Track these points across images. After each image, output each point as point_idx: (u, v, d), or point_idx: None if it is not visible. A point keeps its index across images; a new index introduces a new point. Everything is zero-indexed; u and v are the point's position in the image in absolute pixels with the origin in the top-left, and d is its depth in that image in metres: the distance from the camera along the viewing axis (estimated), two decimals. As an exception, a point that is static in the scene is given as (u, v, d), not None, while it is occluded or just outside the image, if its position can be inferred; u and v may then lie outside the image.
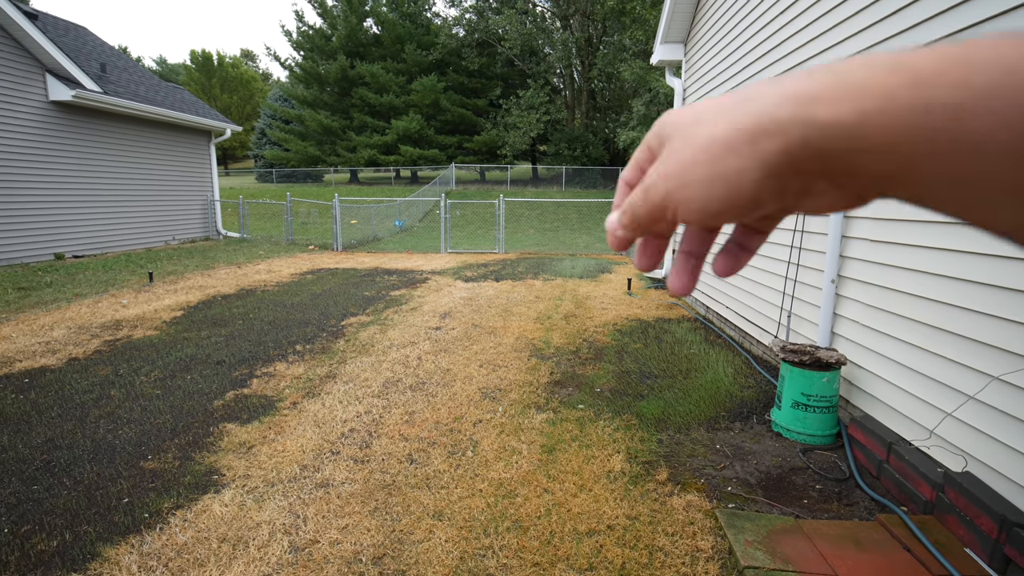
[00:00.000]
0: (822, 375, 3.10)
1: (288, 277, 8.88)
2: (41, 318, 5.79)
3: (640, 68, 23.54)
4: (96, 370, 4.25)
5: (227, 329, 5.49)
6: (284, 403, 3.64)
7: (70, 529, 2.30)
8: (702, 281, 6.36)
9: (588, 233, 19.41)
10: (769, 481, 2.75)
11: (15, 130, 8.92)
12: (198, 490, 2.59)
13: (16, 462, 2.85)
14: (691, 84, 6.93)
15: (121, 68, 12.53)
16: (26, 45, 8.96)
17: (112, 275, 8.45)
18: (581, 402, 3.69)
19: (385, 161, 32.89)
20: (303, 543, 2.20)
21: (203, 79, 46.31)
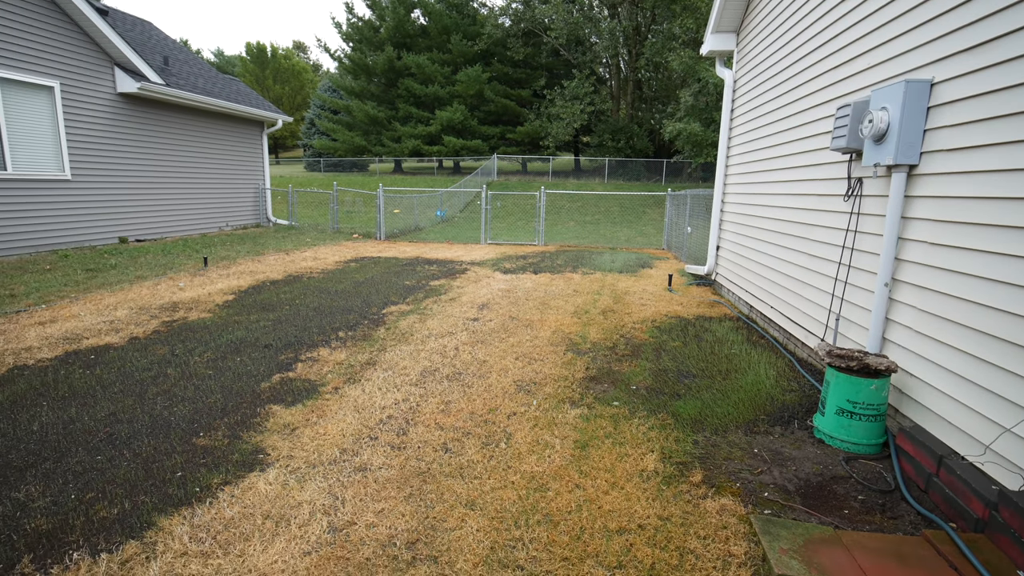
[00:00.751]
0: (870, 382, 2.98)
1: (333, 265, 9.15)
2: (106, 298, 6.17)
3: (689, 57, 22.90)
4: (154, 349, 4.51)
5: (275, 314, 5.72)
6: (326, 388, 3.77)
7: (129, 498, 2.46)
8: (746, 279, 6.19)
9: (630, 227, 19.14)
10: (808, 489, 2.68)
11: (88, 121, 9.48)
12: (245, 468, 2.73)
13: (83, 433, 3.07)
14: (742, 76, 6.71)
15: (182, 61, 13.10)
16: (98, 41, 9.48)
17: (170, 259, 8.90)
18: (616, 399, 3.67)
19: (428, 151, 33.25)
20: (341, 524, 2.29)
21: (257, 70, 47.85)
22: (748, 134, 6.36)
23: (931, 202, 2.97)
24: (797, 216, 4.81)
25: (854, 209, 3.77)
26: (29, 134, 8.55)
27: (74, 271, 7.51)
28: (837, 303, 3.95)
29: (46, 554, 2.10)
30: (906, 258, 3.15)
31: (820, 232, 4.31)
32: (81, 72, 9.31)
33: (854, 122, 3.50)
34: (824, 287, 4.18)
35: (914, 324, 3.04)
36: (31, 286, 6.52)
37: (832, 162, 4.15)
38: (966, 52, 2.72)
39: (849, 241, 3.81)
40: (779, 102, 5.33)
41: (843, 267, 3.88)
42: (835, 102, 4.12)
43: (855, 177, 3.78)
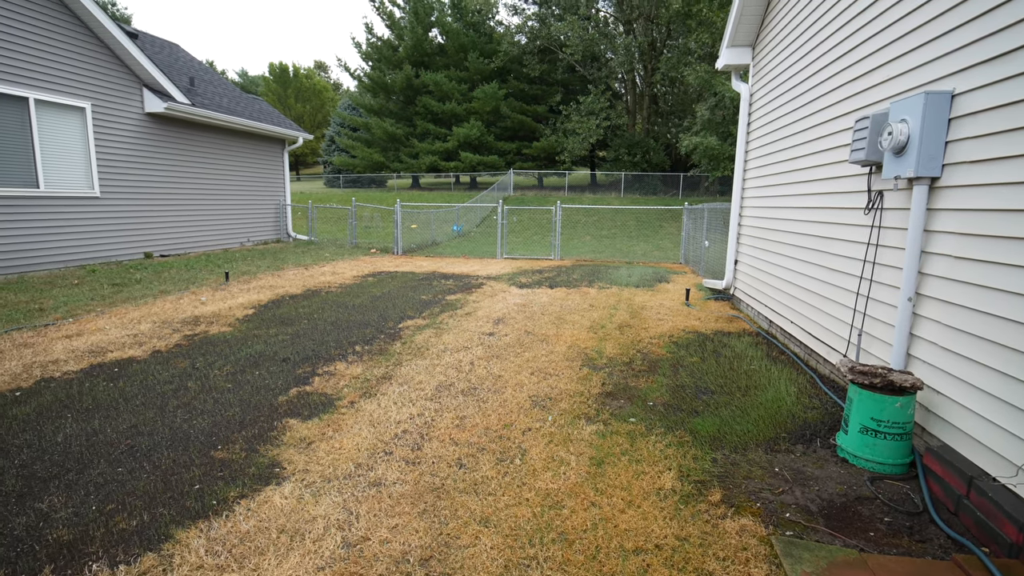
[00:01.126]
0: (895, 399, 2.90)
1: (351, 279, 9.25)
2: (131, 312, 6.31)
3: (705, 72, 22.93)
4: (176, 363, 4.58)
5: (293, 328, 5.78)
6: (343, 402, 3.79)
7: (148, 510, 2.49)
8: (766, 294, 6.10)
9: (646, 241, 19.05)
10: (832, 510, 2.60)
11: (116, 140, 9.79)
12: (261, 481, 2.74)
13: (105, 445, 3.12)
14: (758, 90, 6.68)
15: (207, 81, 13.50)
16: (128, 63, 9.82)
17: (193, 274, 9.09)
18: (633, 415, 3.63)
19: (445, 167, 33.64)
20: (355, 539, 2.28)
21: (279, 90, 49.09)
22: (765, 147, 6.32)
23: (954, 215, 2.91)
24: (816, 230, 4.74)
25: (875, 222, 3.70)
26: (61, 153, 8.85)
27: (101, 285, 7.70)
28: (859, 318, 3.87)
29: (66, 565, 2.13)
30: (930, 272, 3.08)
31: (840, 246, 4.25)
32: (111, 93, 9.64)
33: (873, 134, 3.46)
34: (846, 302, 4.10)
35: (939, 340, 2.97)
36: (59, 300, 6.70)
37: (851, 175, 4.09)
38: (989, 63, 2.68)
39: (870, 255, 3.74)
40: (796, 115, 5.30)
41: (865, 281, 3.81)
42: (853, 114, 4.08)
43: (875, 190, 3.72)
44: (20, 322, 5.68)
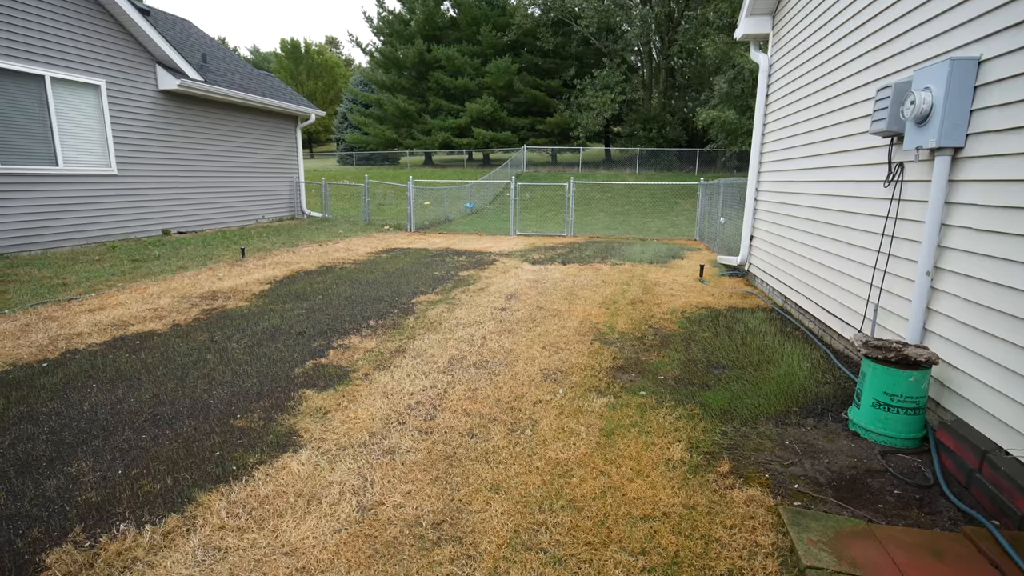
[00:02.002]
0: (909, 374, 2.88)
1: (364, 255, 9.31)
2: (151, 287, 6.44)
3: (724, 43, 22.33)
4: (195, 336, 4.69)
5: (308, 303, 5.86)
6: (357, 374, 3.86)
7: (171, 475, 2.58)
8: (781, 270, 6.03)
9: (661, 217, 18.85)
10: (841, 482, 2.61)
11: (132, 117, 9.86)
12: (279, 448, 2.82)
13: (129, 413, 3.22)
14: (777, 60, 6.50)
15: (219, 58, 13.46)
16: (140, 40, 9.82)
17: (210, 250, 9.21)
18: (643, 388, 3.65)
19: (458, 144, 33.38)
20: (369, 504, 2.35)
21: (291, 66, 48.78)
22: (784, 120, 6.17)
23: (977, 186, 2.84)
24: (834, 204, 4.66)
25: (894, 195, 3.63)
26: (78, 131, 8.94)
27: (121, 261, 7.85)
28: (875, 293, 3.82)
29: (95, 524, 2.22)
30: (949, 245, 3.02)
31: (858, 220, 4.17)
32: (125, 71, 9.68)
33: (895, 104, 3.37)
34: (862, 276, 4.04)
35: (957, 314, 2.92)
36: (82, 275, 6.85)
37: (871, 147, 4.00)
38: (1018, 27, 2.58)
39: (889, 228, 3.67)
40: (816, 86, 5.16)
41: (882, 255, 3.74)
42: (875, 84, 3.96)
43: (896, 162, 3.63)
44: (45, 296, 5.83)
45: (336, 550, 2.06)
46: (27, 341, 4.44)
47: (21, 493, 2.43)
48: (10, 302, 5.56)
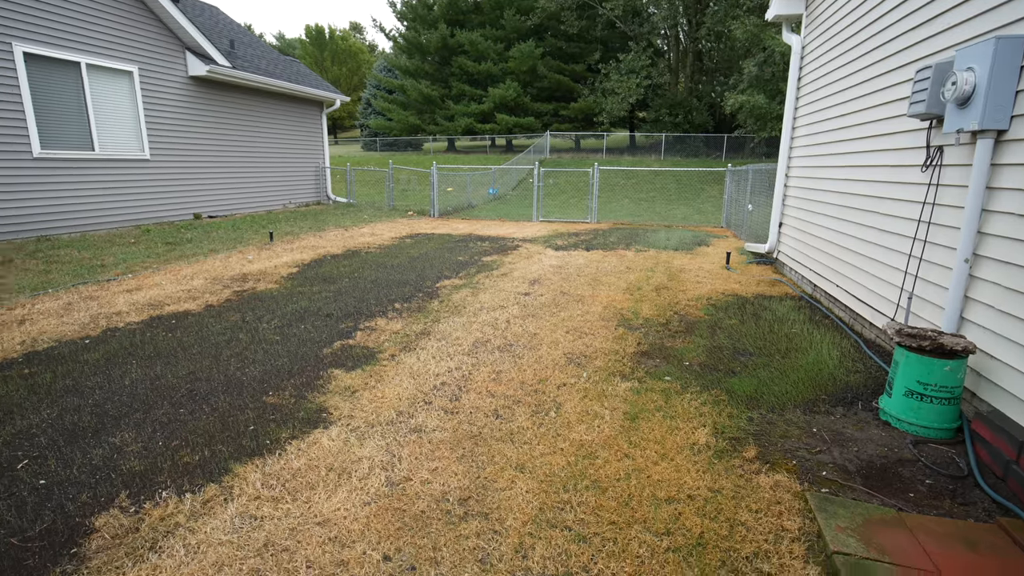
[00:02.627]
0: (944, 363, 2.82)
1: (389, 240, 9.41)
2: (184, 269, 6.62)
3: (754, 25, 21.70)
4: (227, 316, 4.82)
5: (335, 286, 5.97)
6: (384, 355, 3.93)
7: (208, 447, 2.68)
8: (811, 257, 5.91)
9: (686, 204, 18.57)
10: (871, 470, 2.58)
11: (163, 103, 10.07)
12: (310, 425, 2.91)
13: (167, 389, 3.34)
14: (811, 41, 6.31)
15: (246, 44, 13.61)
16: (171, 27, 9.99)
17: (239, 234, 9.41)
18: (668, 374, 3.64)
19: (481, 129, 33.25)
20: (398, 479, 2.41)
21: (316, 52, 49.07)
22: (816, 103, 6.01)
23: (1022, 171, 2.74)
24: (868, 189, 4.54)
25: (932, 180, 3.52)
26: (112, 116, 9.18)
27: (155, 244, 8.08)
28: (910, 281, 3.73)
29: (139, 491, 2.33)
30: (990, 231, 2.93)
31: (893, 206, 4.06)
32: (157, 57, 9.87)
33: (935, 85, 3.25)
34: (896, 264, 3.95)
35: (996, 303, 2.84)
36: (119, 257, 7.08)
37: (909, 130, 3.87)
38: (1073, 2, 2.46)
39: (925, 214, 3.57)
40: (851, 67, 5.00)
41: (918, 242, 3.64)
42: (913, 65, 3.82)
43: (934, 145, 3.52)
44: (85, 277, 6.04)
45: (367, 521, 2.12)
46: (70, 319, 4.62)
47: (70, 461, 2.56)
48: (53, 282, 5.78)
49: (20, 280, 5.79)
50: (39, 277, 5.95)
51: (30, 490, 2.33)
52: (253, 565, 1.91)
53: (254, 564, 1.91)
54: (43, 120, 8.08)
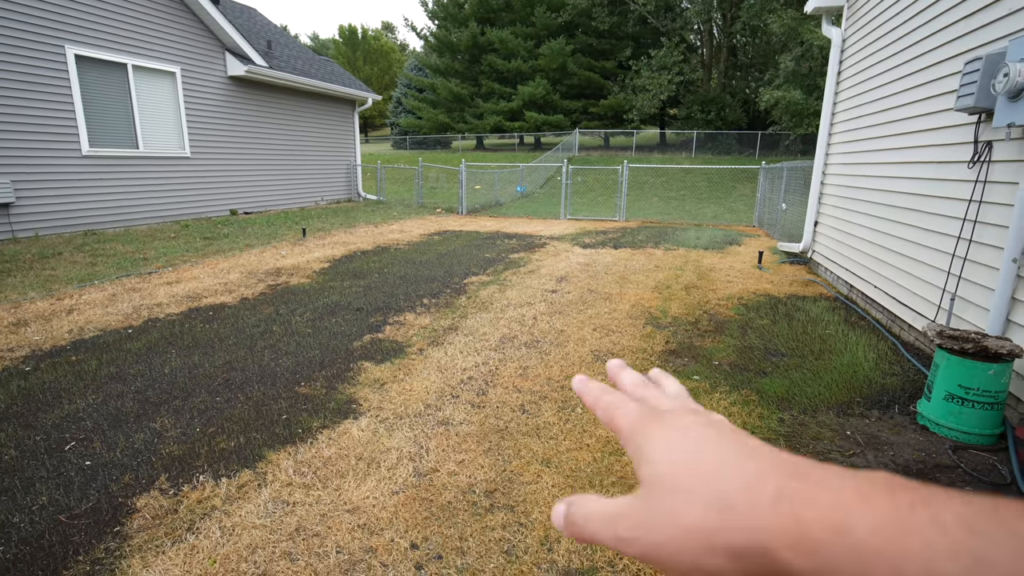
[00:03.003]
0: (988, 367, 2.71)
1: (418, 237, 9.51)
2: (221, 263, 6.83)
3: (791, 19, 21.15)
4: (262, 309, 4.96)
5: (365, 281, 6.07)
6: (412, 349, 3.99)
7: (243, 434, 2.77)
8: (847, 257, 5.74)
9: (717, 203, 18.23)
10: (907, 475, 2.50)
11: (203, 102, 10.40)
12: (340, 415, 2.97)
13: (204, 377, 3.46)
14: (852, 34, 6.12)
15: (283, 44, 13.93)
16: (211, 28, 10.31)
17: (273, 229, 9.65)
18: (697, 373, 3.60)
19: (510, 128, 33.28)
20: (425, 470, 2.45)
21: (349, 52, 49.87)
22: (856, 98, 5.83)
23: (1078, 166, 2.61)
24: (910, 187, 4.38)
25: (979, 177, 3.38)
26: (156, 116, 9.52)
27: (194, 239, 8.36)
28: (952, 281, 3.60)
29: (178, 475, 2.43)
30: (1041, 230, 2.80)
31: (936, 203, 3.91)
32: (197, 58, 10.19)
33: (985, 77, 3.12)
34: (938, 264, 3.81)
35: (1047, 304, 2.72)
36: (159, 251, 7.35)
37: (955, 125, 3.73)
38: None
39: (971, 213, 3.43)
40: (895, 60, 4.83)
41: (962, 242, 3.51)
42: (962, 57, 3.67)
43: (983, 140, 3.38)
44: (128, 270, 6.30)
45: (395, 510, 2.16)
46: (114, 309, 4.82)
47: (114, 444, 2.68)
48: (99, 274, 6.04)
49: (68, 272, 6.07)
50: (86, 269, 6.23)
51: (77, 471, 2.45)
52: (285, 548, 1.97)
53: (286, 547, 1.97)
54: (91, 119, 8.44)
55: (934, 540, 0.20)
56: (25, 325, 4.37)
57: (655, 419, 0.31)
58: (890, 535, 0.20)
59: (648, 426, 0.31)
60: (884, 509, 0.21)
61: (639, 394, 0.36)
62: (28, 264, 6.34)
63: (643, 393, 0.36)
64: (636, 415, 0.33)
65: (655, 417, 0.32)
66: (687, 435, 0.29)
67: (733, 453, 0.27)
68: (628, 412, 0.33)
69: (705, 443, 0.28)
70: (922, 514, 0.20)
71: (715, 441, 0.28)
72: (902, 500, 0.21)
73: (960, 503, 0.20)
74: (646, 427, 0.31)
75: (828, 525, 0.22)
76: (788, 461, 0.26)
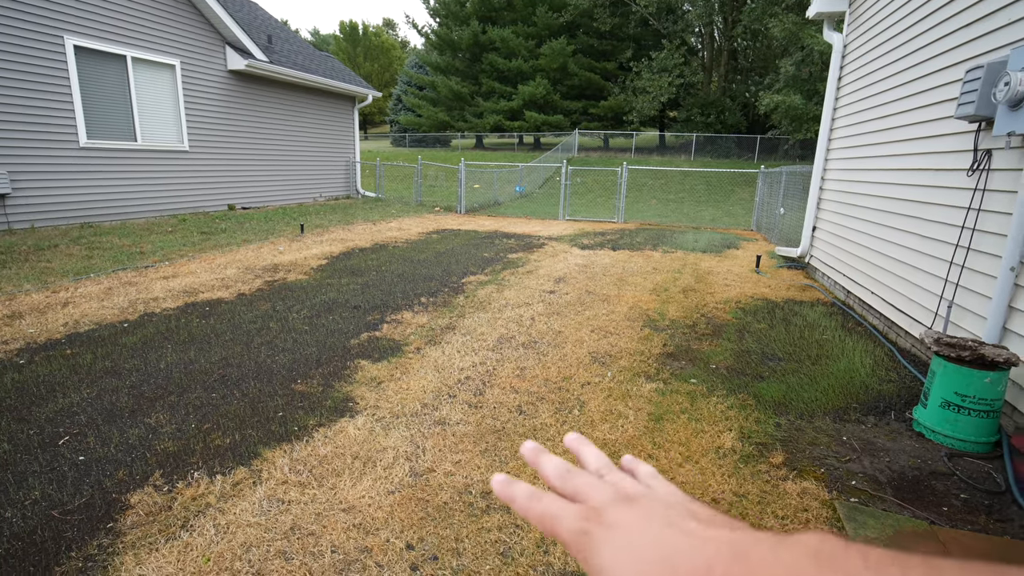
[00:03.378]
0: (985, 374, 2.72)
1: (416, 235, 9.49)
2: (218, 258, 6.81)
3: (793, 23, 21.19)
4: (258, 305, 4.94)
5: (363, 278, 6.05)
6: (409, 347, 3.98)
7: (239, 431, 2.76)
8: (845, 263, 5.76)
9: (716, 206, 18.27)
10: (902, 482, 2.51)
11: (202, 96, 10.35)
12: (336, 413, 2.96)
13: (200, 373, 3.45)
14: (853, 40, 6.13)
15: (283, 39, 13.88)
16: (212, 21, 10.26)
17: (271, 225, 9.62)
18: (694, 376, 3.60)
19: (510, 127, 33.25)
20: (421, 470, 2.44)
21: (349, 48, 49.73)
22: (856, 104, 5.84)
23: (1077, 176, 2.62)
24: (908, 194, 4.40)
25: (979, 185, 3.39)
26: (155, 109, 9.47)
27: (191, 233, 8.32)
28: (950, 289, 3.61)
29: (172, 471, 2.41)
30: (1040, 240, 2.81)
31: (934, 211, 3.92)
32: (198, 51, 10.14)
33: (986, 86, 3.13)
34: (936, 271, 3.82)
35: (1044, 313, 2.73)
36: (156, 245, 7.31)
37: (954, 133, 3.74)
38: None
39: (970, 221, 3.44)
40: (896, 67, 4.84)
41: (960, 249, 3.52)
42: (963, 65, 3.68)
43: (983, 149, 3.39)
44: (125, 263, 6.26)
45: (390, 510, 2.16)
46: (110, 303, 4.80)
47: (108, 439, 2.66)
48: (95, 267, 6.01)
49: (64, 265, 6.03)
50: (82, 262, 6.19)
51: (70, 465, 2.44)
52: (280, 547, 1.96)
53: (281, 546, 1.96)
54: (90, 111, 8.39)
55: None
56: (20, 317, 4.34)
57: (595, 523, 0.31)
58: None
59: (591, 533, 0.31)
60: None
61: (578, 490, 0.35)
62: (24, 256, 6.29)
63: (583, 489, 0.35)
64: (575, 520, 0.32)
65: (595, 521, 0.31)
66: (630, 539, 0.30)
67: (682, 548, 0.28)
68: (566, 519, 0.32)
69: (651, 546, 0.29)
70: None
71: (658, 541, 0.29)
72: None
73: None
74: (589, 535, 0.31)
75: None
76: (731, 543, 0.27)
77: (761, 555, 0.26)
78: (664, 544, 0.29)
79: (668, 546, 0.28)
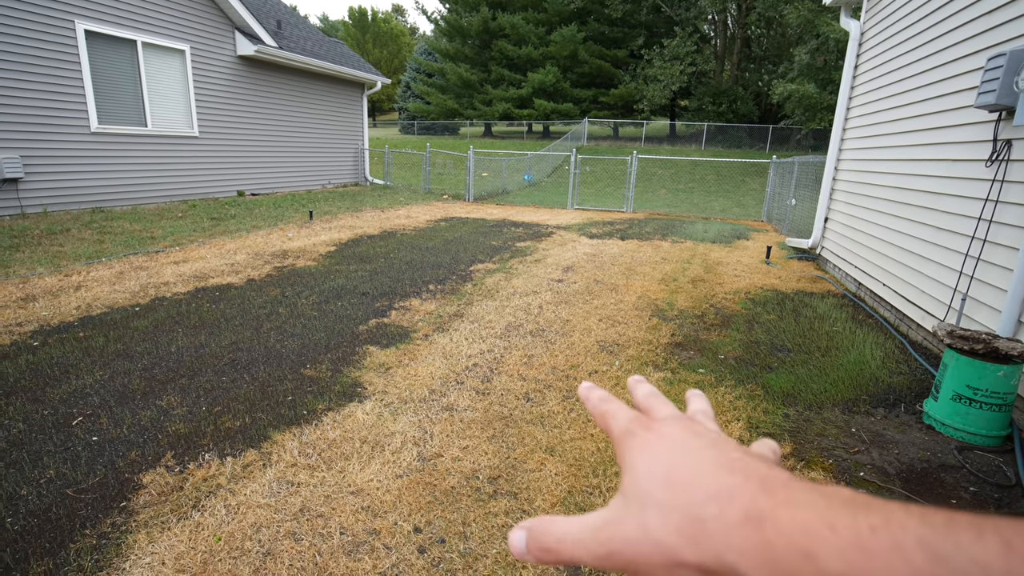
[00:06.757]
0: (998, 368, 2.69)
1: (424, 223, 9.49)
2: (227, 244, 6.84)
3: (808, 10, 20.82)
4: (268, 290, 4.96)
5: (371, 265, 6.07)
6: (417, 334, 3.99)
7: (249, 414, 2.78)
8: (856, 254, 5.70)
9: (726, 196, 18.10)
10: (911, 474, 2.50)
11: (212, 82, 10.35)
12: (345, 398, 2.98)
13: (211, 357, 3.48)
14: (871, 27, 6.01)
15: (292, 24, 13.82)
16: (222, 7, 10.22)
17: (280, 212, 9.65)
18: (702, 366, 3.59)
19: (519, 115, 33.01)
20: (429, 455, 2.45)
21: (358, 34, 49.45)
22: (872, 93, 5.74)
23: (1100, 167, 2.56)
24: (924, 184, 4.33)
25: (997, 176, 3.33)
26: (165, 94, 9.48)
27: (201, 219, 8.36)
28: (964, 281, 3.56)
29: (184, 452, 2.44)
30: (1059, 232, 2.76)
31: (950, 202, 3.86)
32: (207, 36, 10.12)
33: (1008, 74, 3.06)
34: (950, 263, 3.77)
35: (1061, 307, 2.68)
36: (167, 230, 7.36)
37: (973, 123, 3.66)
38: None
39: (987, 212, 3.39)
40: (914, 55, 4.75)
41: (976, 241, 3.47)
42: (984, 53, 3.60)
43: (1002, 139, 3.32)
44: (136, 248, 6.31)
45: (398, 494, 2.17)
46: (122, 287, 4.84)
47: (121, 420, 2.69)
48: (107, 252, 6.06)
49: (76, 248, 6.09)
50: (94, 247, 6.24)
51: (84, 446, 2.47)
52: (289, 528, 1.98)
53: (290, 527, 1.99)
54: (100, 96, 8.42)
55: (896, 567, 0.21)
56: (33, 300, 4.39)
57: (643, 427, 0.32)
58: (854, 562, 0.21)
59: (635, 433, 0.32)
60: (848, 534, 0.22)
61: (646, 404, 0.36)
62: (36, 240, 6.36)
63: (651, 404, 0.36)
64: (626, 421, 0.33)
65: (643, 425, 0.32)
66: (668, 444, 0.30)
67: (710, 464, 0.28)
68: (619, 418, 0.34)
69: (685, 454, 0.29)
70: (883, 538, 0.21)
71: (695, 451, 0.29)
72: (863, 523, 0.22)
73: (917, 522, 0.21)
74: (633, 434, 0.32)
75: (796, 550, 0.23)
76: (760, 475, 0.27)
77: (789, 495, 0.25)
78: (697, 460, 0.28)
79: (699, 462, 0.28)
